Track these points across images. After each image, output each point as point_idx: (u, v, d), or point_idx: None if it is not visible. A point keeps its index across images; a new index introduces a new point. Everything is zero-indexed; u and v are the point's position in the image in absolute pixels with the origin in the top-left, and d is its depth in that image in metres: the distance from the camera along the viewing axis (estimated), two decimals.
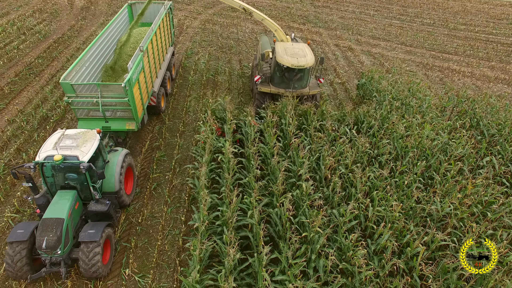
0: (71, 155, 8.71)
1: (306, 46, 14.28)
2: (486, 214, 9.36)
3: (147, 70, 13.07)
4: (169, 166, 12.68)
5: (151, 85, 13.87)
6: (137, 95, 11.70)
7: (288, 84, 13.75)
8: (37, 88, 16.57)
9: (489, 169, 11.06)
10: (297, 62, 12.95)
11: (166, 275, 9.20)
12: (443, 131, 12.59)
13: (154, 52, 14.28)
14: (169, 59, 17.10)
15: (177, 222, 10.58)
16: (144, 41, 13.07)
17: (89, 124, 11.64)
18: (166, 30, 16.94)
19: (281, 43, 14.39)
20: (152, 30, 13.94)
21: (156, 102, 14.30)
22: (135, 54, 12.16)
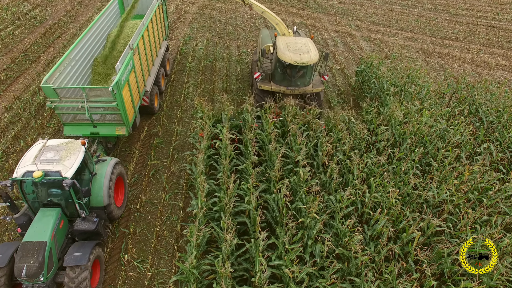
0: (52, 170, 7.77)
1: (310, 41, 13.34)
2: (482, 200, 9.42)
3: (138, 69, 12.21)
4: (167, 152, 12.69)
5: (143, 85, 13.00)
6: (127, 97, 10.80)
7: (290, 82, 12.90)
8: (33, 75, 16.43)
9: (486, 156, 11.09)
10: (300, 58, 12.04)
11: (165, 260, 9.31)
12: (441, 118, 12.56)
13: (146, 49, 13.35)
14: (162, 54, 16.11)
15: (175, 208, 10.65)
16: (134, 38, 11.94)
17: (75, 129, 10.84)
18: (159, 23, 15.88)
19: (283, 38, 13.41)
20: (144, 24, 12.94)
21: (149, 102, 13.43)
22: (124, 52, 11.15)
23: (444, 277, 7.82)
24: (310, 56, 12.18)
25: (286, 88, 12.86)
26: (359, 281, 7.15)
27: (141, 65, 12.59)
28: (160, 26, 16.09)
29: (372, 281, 7.14)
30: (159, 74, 15.09)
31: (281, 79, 13.00)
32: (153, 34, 14.42)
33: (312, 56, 12.25)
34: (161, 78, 15.48)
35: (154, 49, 14.67)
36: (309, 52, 12.36)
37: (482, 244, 7.94)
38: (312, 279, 7.48)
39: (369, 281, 7.06)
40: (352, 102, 16.60)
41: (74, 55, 11.89)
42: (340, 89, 17.42)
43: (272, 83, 13.20)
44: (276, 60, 12.81)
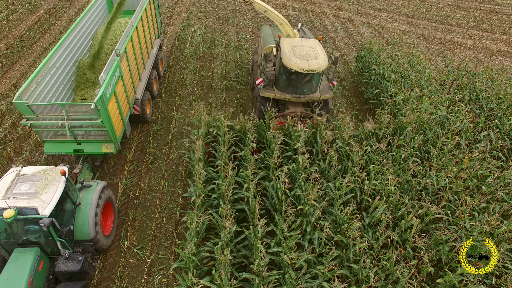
0: (27, 207, 6.70)
1: (317, 43, 11.87)
2: (481, 187, 9.43)
3: (126, 76, 10.96)
4: (165, 139, 12.64)
5: (133, 92, 11.80)
6: (114, 111, 9.67)
7: (295, 89, 11.60)
8: (29, 62, 16.23)
9: (486, 143, 11.05)
10: (307, 65, 10.66)
11: (164, 247, 9.37)
12: (441, 105, 12.48)
13: (136, 52, 12.03)
14: (155, 54, 14.65)
15: (174, 196, 10.67)
16: (121, 42, 10.62)
17: (57, 147, 9.78)
18: (151, 21, 14.47)
19: (288, 40, 11.85)
20: (132, 24, 11.65)
21: (141, 111, 12.23)
22: (110, 60, 9.85)
23: (441, 263, 7.88)
24: (318, 63, 10.79)
25: (291, 96, 11.60)
26: (357, 267, 7.20)
27: (130, 71, 11.32)
28: (152, 24, 14.71)
29: (370, 267, 7.19)
30: (151, 77, 13.79)
31: (286, 86, 11.68)
32: (143, 34, 13.12)
33: (321, 62, 10.84)
34: (154, 81, 14.19)
35: (145, 50, 13.39)
36: (318, 58, 10.96)
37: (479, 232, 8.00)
38: (311, 265, 7.54)
39: (367, 267, 7.11)
40: (352, 88, 16.48)
41: (55, 61, 10.61)
42: (340, 75, 17.25)
43: (275, 90, 11.90)
44: (280, 65, 11.42)
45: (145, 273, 8.73)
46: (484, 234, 8.27)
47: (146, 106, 12.77)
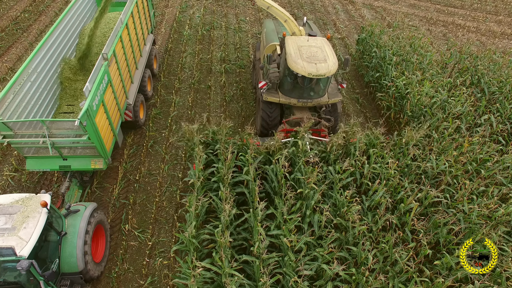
0: (2, 246, 5.83)
1: (326, 43, 10.70)
2: (480, 171, 9.45)
3: (116, 81, 9.93)
4: (165, 123, 12.58)
5: (124, 98, 10.69)
6: (102, 123, 8.70)
7: (301, 93, 10.60)
8: (26, 45, 15.99)
9: (487, 127, 11.02)
10: (316, 70, 9.62)
11: (165, 230, 9.45)
12: (442, 89, 12.39)
13: (127, 52, 10.88)
14: (148, 52, 13.43)
15: (174, 179, 10.69)
16: (109, 44, 9.50)
17: (40, 163, 8.83)
18: (143, 15, 13.11)
19: (293, 39, 10.67)
20: (122, 22, 10.52)
21: (133, 116, 11.14)
22: (96, 66, 8.70)
23: (439, 245, 7.97)
24: (328, 66, 9.75)
25: (297, 101, 10.65)
26: (356, 250, 7.28)
27: (120, 75, 10.26)
28: (144, 18, 13.42)
29: (369, 250, 7.27)
30: (144, 77, 12.68)
31: (291, 90, 10.66)
32: (135, 31, 11.92)
33: (330, 65, 9.81)
34: (147, 82, 13.09)
35: (137, 49, 12.21)
36: (327, 60, 9.88)
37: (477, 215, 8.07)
38: (310, 248, 7.62)
39: (366, 250, 7.19)
40: (352, 72, 16.33)
41: (35, 66, 9.50)
42: (341, 59, 17.04)
43: (280, 94, 10.91)
44: (285, 68, 10.42)
45: (146, 256, 8.83)
46: (482, 217, 8.35)
47: (139, 111, 11.71)
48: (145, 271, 8.54)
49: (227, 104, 13.63)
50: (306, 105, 10.79)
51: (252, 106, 13.63)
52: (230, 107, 13.56)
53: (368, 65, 15.26)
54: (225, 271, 6.64)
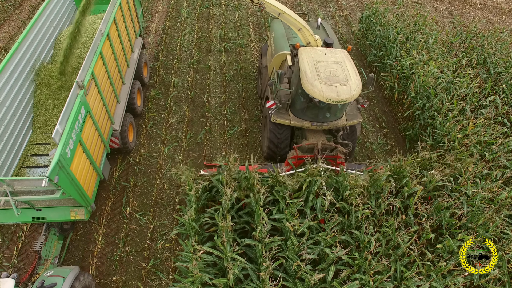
0: None
1: (346, 56, 8.93)
2: (484, 154, 9.35)
3: (97, 109, 8.22)
4: (164, 104, 12.36)
5: (108, 124, 9.01)
6: (81, 167, 7.18)
7: (316, 115, 9.00)
8: (18, 23, 15.51)
9: (492, 109, 10.85)
10: (336, 95, 7.95)
11: (166, 213, 9.42)
12: (448, 69, 12.12)
13: (110, 69, 9.10)
14: (137, 60, 11.57)
15: (175, 161, 10.59)
16: (85, 68, 7.61)
17: (9, 215, 7.14)
18: (128, 18, 11.20)
19: (308, 52, 8.84)
20: (102, 34, 8.72)
21: (121, 142, 9.61)
22: (69, 99, 6.88)
23: (441, 229, 7.96)
24: (350, 90, 8.08)
25: (310, 124, 9.10)
26: (359, 233, 7.26)
27: (102, 99, 8.57)
28: (131, 21, 11.47)
29: (371, 233, 7.25)
30: (133, 92, 10.85)
31: (304, 111, 9.04)
32: (119, 40, 10.10)
33: (353, 88, 8.14)
34: (137, 95, 11.28)
35: (122, 61, 10.45)
36: (349, 81, 8.21)
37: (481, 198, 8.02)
38: (313, 231, 7.59)
39: (369, 233, 7.17)
40: (355, 51, 15.96)
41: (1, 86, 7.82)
42: (343, 37, 16.64)
43: (291, 114, 9.32)
44: (298, 87, 8.74)
45: (148, 239, 8.84)
46: (485, 201, 8.32)
47: (127, 133, 10.07)
48: (147, 254, 8.56)
49: (227, 84, 13.37)
50: (321, 128, 9.22)
51: (252, 87, 13.38)
52: (230, 87, 13.30)
53: (372, 44, 14.89)
54: (227, 255, 6.64)
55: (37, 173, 8.19)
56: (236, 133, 11.54)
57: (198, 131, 11.53)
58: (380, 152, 11.47)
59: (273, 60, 10.53)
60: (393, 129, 12.39)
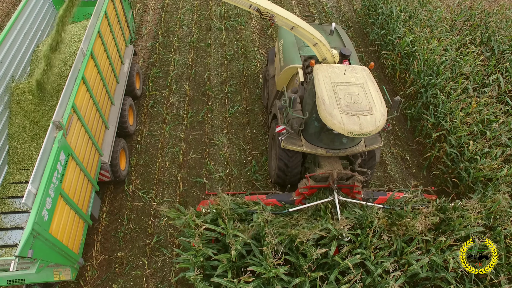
0: None
1: (368, 76, 7.63)
2: (485, 132, 9.38)
3: (81, 146, 7.08)
4: (165, 83, 12.27)
5: (96, 158, 7.87)
6: (63, 223, 6.18)
7: (332, 140, 7.80)
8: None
9: (494, 87, 10.80)
10: (359, 127, 6.71)
11: (169, 190, 9.51)
12: (451, 47, 11.99)
13: (96, 93, 7.89)
14: (127, 73, 10.16)
15: (176, 140, 10.60)
16: (63, 103, 6.34)
17: None
18: (116, 26, 9.77)
19: (325, 71, 7.50)
20: (84, 54, 7.34)
21: (112, 174, 8.50)
22: (44, 147, 5.76)
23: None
24: (375, 120, 6.82)
25: (326, 151, 7.93)
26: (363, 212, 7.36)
27: (87, 132, 7.33)
28: (119, 29, 10.05)
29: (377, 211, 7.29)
30: (124, 111, 9.53)
31: (319, 137, 7.87)
32: (106, 55, 8.72)
33: (378, 118, 6.86)
34: (129, 114, 9.99)
35: (110, 78, 9.09)
36: (373, 109, 6.94)
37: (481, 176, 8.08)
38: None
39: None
40: (357, 29, 15.73)
41: None
42: (345, 15, 16.36)
43: (303, 140, 8.09)
44: (313, 111, 7.50)
45: (151, 216, 8.95)
46: (485, 177, 8.42)
47: (119, 162, 8.83)
48: (151, 231, 8.68)
49: (228, 63, 13.23)
50: (338, 154, 8.11)
51: (253, 65, 13.24)
52: (231, 65, 13.17)
53: (374, 22, 14.67)
54: (229, 232, 6.67)
55: (15, 221, 6.98)
56: (237, 112, 11.51)
57: (199, 109, 11.50)
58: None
59: (282, 73, 9.20)
60: None
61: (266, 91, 11.03)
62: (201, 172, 9.87)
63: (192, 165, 10.07)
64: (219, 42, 14.14)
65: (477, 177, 8.52)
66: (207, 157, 10.16)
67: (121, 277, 7.99)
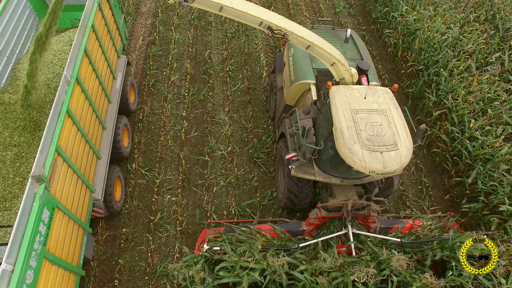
0: None
1: (391, 100, 6.67)
2: (487, 111, 9.40)
3: (69, 190, 6.12)
4: (165, 61, 12.17)
5: (87, 197, 6.95)
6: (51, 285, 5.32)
7: (348, 169, 6.85)
8: None
9: (497, 65, 10.74)
10: (382, 166, 5.83)
11: (171, 168, 9.59)
12: (454, 25, 11.84)
13: (84, 124, 6.85)
14: (120, 89, 9.08)
15: (178, 118, 10.61)
16: (43, 149, 5.34)
17: None
18: (106, 37, 8.55)
19: (342, 94, 6.52)
20: (68, 81, 6.23)
21: (105, 211, 7.66)
22: (23, 207, 4.81)
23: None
24: (400, 157, 5.93)
25: (340, 181, 7.28)
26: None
27: (75, 171, 6.35)
28: (109, 40, 8.82)
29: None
30: (118, 133, 8.54)
31: (333, 166, 7.09)
32: (95, 75, 7.58)
33: (403, 154, 5.96)
34: (123, 134, 9.03)
35: (101, 101, 7.98)
36: (397, 143, 6.04)
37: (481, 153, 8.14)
38: None
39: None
40: (359, 7, 15.50)
41: None
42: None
43: (316, 168, 7.38)
44: (328, 140, 6.63)
45: (154, 193, 9.06)
46: (485, 156, 8.50)
47: (113, 195, 7.90)
48: (155, 208, 8.81)
49: (229, 41, 13.09)
50: (353, 183, 7.43)
51: (254, 43, 13.11)
52: (232, 44, 13.03)
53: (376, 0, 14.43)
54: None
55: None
56: (238, 90, 11.48)
57: (201, 88, 11.46)
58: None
59: (293, 88, 8.33)
60: None
61: (273, 100, 10.18)
62: (203, 150, 9.93)
63: (194, 143, 10.13)
64: (220, 20, 13.94)
65: (477, 155, 8.59)
66: (209, 135, 10.20)
67: (126, 252, 8.17)
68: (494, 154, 8.38)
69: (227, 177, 9.45)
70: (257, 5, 6.02)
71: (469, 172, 8.80)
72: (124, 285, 7.72)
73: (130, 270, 7.94)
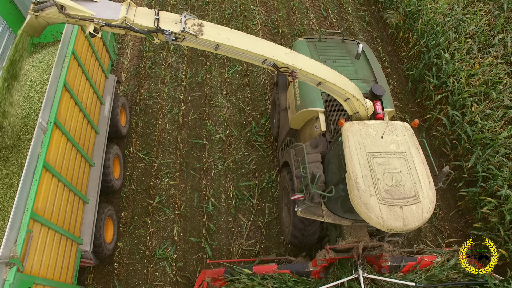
0: None
1: (411, 139, 5.68)
2: (489, 94, 9.30)
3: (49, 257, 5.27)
4: (162, 43, 11.92)
5: (73, 252, 6.11)
6: None
7: None
8: None
9: (500, 48, 10.56)
10: (402, 224, 5.08)
11: (169, 152, 9.55)
12: (458, 5, 11.58)
13: (66, 173, 5.95)
14: (109, 115, 8.19)
15: (176, 101, 10.49)
16: (13, 225, 4.46)
17: None
18: (91, 59, 7.50)
19: (357, 133, 5.64)
20: (44, 129, 5.29)
21: (95, 259, 6.89)
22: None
23: None
24: (422, 211, 5.17)
25: (351, 222, 6.70)
26: None
27: (57, 231, 5.54)
28: (95, 61, 7.79)
29: None
30: (107, 166, 7.68)
31: (343, 207, 6.37)
32: (78, 109, 6.65)
33: (426, 207, 5.20)
34: (114, 164, 8.23)
35: (87, 135, 7.11)
36: (419, 195, 5.24)
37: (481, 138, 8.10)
38: None
39: None
40: None
41: None
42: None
43: (324, 208, 6.77)
44: (339, 183, 5.87)
45: (152, 177, 9.04)
46: (485, 140, 8.47)
47: (103, 238, 7.15)
48: (153, 191, 8.82)
49: (227, 22, 12.80)
50: (363, 223, 6.80)
51: (252, 24, 12.82)
52: (230, 25, 12.73)
53: None
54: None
55: None
56: (236, 72, 11.31)
57: (198, 70, 11.28)
58: None
59: (298, 114, 7.57)
60: (396, 69, 12.15)
61: (275, 118, 9.33)
62: (201, 133, 9.86)
63: (192, 126, 10.05)
64: (217, 0, 13.59)
65: (477, 139, 8.55)
66: (206, 118, 10.11)
67: (125, 235, 8.23)
68: (494, 138, 8.35)
69: (225, 160, 9.43)
70: (259, 38, 5.30)
71: (468, 156, 8.79)
72: (124, 268, 7.82)
73: (129, 253, 8.02)
